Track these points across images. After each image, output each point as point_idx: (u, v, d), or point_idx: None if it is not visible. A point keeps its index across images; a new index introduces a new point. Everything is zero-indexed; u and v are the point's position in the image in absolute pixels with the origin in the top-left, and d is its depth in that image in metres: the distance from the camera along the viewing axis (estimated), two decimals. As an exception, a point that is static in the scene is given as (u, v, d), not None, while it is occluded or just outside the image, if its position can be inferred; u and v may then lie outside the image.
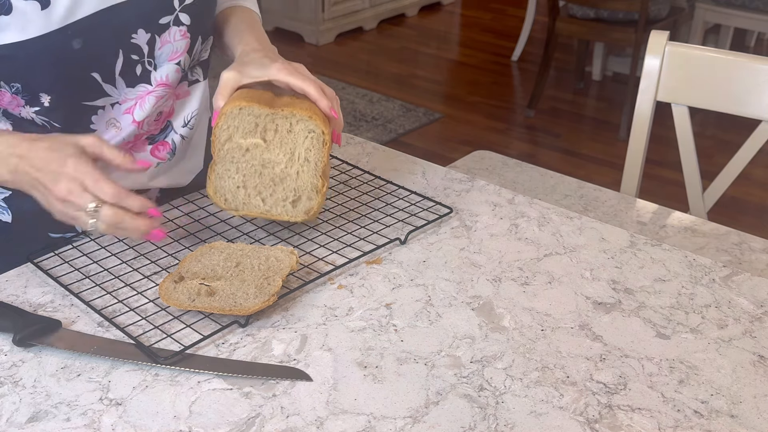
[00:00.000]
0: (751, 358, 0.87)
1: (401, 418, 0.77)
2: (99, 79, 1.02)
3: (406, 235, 1.06)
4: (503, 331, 0.90)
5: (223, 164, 1.01)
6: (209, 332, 0.87)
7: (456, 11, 5.40)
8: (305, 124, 0.99)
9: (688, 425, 0.78)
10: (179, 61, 1.08)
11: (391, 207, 1.14)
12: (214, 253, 0.97)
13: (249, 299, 0.89)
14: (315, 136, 0.99)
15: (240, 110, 0.98)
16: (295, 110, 0.99)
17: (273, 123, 0.99)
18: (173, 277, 0.92)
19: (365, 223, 1.09)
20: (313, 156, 1.00)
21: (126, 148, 1.11)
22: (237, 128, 0.99)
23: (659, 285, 0.99)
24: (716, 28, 4.05)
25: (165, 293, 0.90)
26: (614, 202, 1.35)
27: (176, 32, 1.06)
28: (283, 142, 1.00)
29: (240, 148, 1.00)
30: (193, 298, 0.89)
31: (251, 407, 0.79)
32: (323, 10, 4.65)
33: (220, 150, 1.00)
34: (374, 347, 0.87)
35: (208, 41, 1.15)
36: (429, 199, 1.15)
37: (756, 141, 1.42)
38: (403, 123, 3.75)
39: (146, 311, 0.91)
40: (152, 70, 1.06)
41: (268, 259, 0.96)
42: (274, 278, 0.92)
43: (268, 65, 1.03)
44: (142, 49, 1.04)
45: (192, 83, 1.16)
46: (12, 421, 0.77)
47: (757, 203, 3.11)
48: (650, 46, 1.46)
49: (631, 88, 3.42)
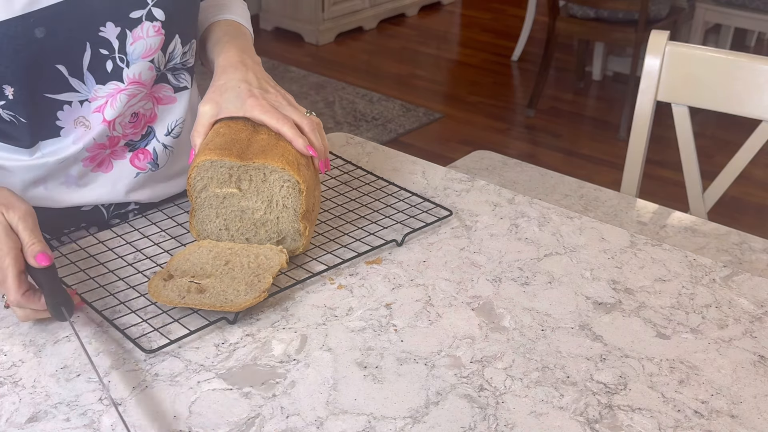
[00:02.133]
0: (751, 358, 0.87)
1: (401, 418, 0.77)
2: (65, 72, 1.00)
3: (402, 237, 1.06)
4: (503, 331, 0.90)
5: (203, 210, 0.99)
6: (195, 328, 0.88)
7: (456, 11, 5.40)
8: (279, 174, 0.96)
9: (688, 425, 0.78)
10: (152, 58, 1.06)
11: (391, 208, 1.13)
12: (202, 252, 0.97)
13: (240, 296, 0.89)
14: (291, 185, 0.97)
15: (212, 163, 0.96)
16: (267, 161, 0.95)
17: (246, 173, 0.97)
18: (162, 275, 0.92)
19: (363, 224, 1.09)
20: (291, 203, 0.98)
21: (104, 154, 1.09)
22: (211, 179, 0.97)
23: (659, 285, 0.99)
24: (716, 28, 4.05)
25: (154, 290, 0.90)
26: (614, 202, 1.35)
27: (149, 28, 1.03)
28: (259, 190, 0.98)
29: (217, 196, 0.98)
30: (183, 296, 0.89)
31: (251, 407, 0.79)
32: (323, 9, 4.64)
33: (197, 198, 0.99)
34: (374, 347, 0.87)
35: (191, 44, 1.12)
36: (429, 200, 1.15)
37: (756, 141, 1.42)
38: (403, 123, 3.75)
39: (134, 306, 0.92)
40: (124, 66, 1.04)
41: (258, 257, 0.96)
42: (264, 276, 0.92)
43: (244, 99, 1.00)
44: (112, 43, 1.01)
45: (179, 90, 1.13)
46: (12, 421, 0.77)
47: (757, 203, 3.11)
48: (650, 46, 1.46)
49: (631, 88, 3.42)
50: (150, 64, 1.06)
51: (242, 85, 1.02)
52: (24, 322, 0.90)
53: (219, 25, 1.16)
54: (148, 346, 0.85)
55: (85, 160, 1.07)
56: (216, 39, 1.13)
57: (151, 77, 1.07)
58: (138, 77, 1.05)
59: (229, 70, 1.04)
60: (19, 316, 0.88)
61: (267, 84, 1.04)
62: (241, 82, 1.02)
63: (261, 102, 1.00)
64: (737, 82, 1.41)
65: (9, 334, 0.88)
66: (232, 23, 1.17)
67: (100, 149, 1.08)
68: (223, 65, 1.06)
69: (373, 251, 1.03)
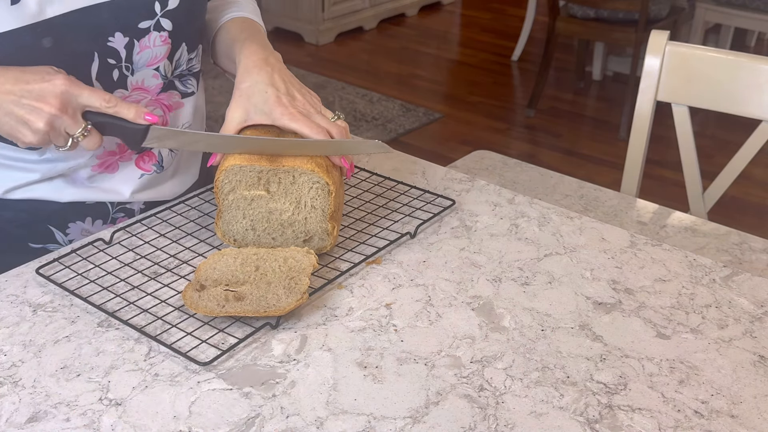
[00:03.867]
0: (751, 358, 0.87)
1: (401, 419, 0.77)
2: None
3: (415, 228, 1.07)
4: (503, 331, 0.90)
5: (229, 212, 1.00)
6: (244, 334, 0.87)
7: (456, 11, 5.40)
8: (308, 177, 0.97)
9: (688, 425, 0.78)
10: (158, 66, 1.06)
11: (395, 203, 1.14)
12: (227, 259, 0.96)
13: (281, 300, 0.89)
14: (320, 187, 0.97)
15: (240, 168, 0.97)
16: (297, 164, 0.96)
17: (276, 176, 0.98)
18: (194, 285, 0.91)
19: (373, 220, 1.10)
20: (320, 204, 0.98)
21: (113, 160, 1.09)
22: (239, 182, 0.98)
23: (659, 285, 0.99)
24: (716, 27, 4.05)
25: (191, 302, 0.88)
26: (614, 202, 1.35)
27: (156, 38, 1.03)
28: (287, 192, 0.98)
29: (245, 198, 0.99)
30: (222, 305, 0.88)
31: (251, 407, 0.79)
32: (323, 9, 4.64)
33: (224, 200, 0.99)
34: (374, 347, 0.87)
35: (197, 51, 1.12)
36: (431, 192, 1.16)
37: (756, 141, 1.42)
38: (403, 123, 3.75)
39: (173, 319, 0.90)
40: (129, 75, 1.04)
41: (287, 260, 0.95)
42: (299, 278, 0.92)
43: (272, 107, 0.99)
44: (120, 53, 1.01)
45: (186, 95, 1.13)
46: (11, 422, 0.77)
47: (757, 203, 3.11)
48: (650, 46, 1.46)
49: (631, 88, 3.42)
50: (155, 72, 1.05)
51: (269, 90, 1.00)
52: (95, 148, 0.95)
53: (233, 23, 1.15)
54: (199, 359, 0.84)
55: (95, 166, 1.08)
56: (233, 38, 1.11)
57: (156, 85, 1.07)
58: (141, 84, 1.05)
59: (253, 72, 1.02)
60: (94, 143, 0.94)
61: (293, 88, 1.02)
62: (268, 87, 1.00)
63: (290, 111, 0.99)
64: (737, 82, 1.41)
65: (9, 334, 0.88)
66: (245, 20, 1.16)
67: (110, 156, 1.08)
68: (247, 65, 1.03)
69: (390, 246, 1.04)
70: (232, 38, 1.11)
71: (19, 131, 0.91)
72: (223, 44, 1.14)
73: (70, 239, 1.11)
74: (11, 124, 0.91)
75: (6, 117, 0.91)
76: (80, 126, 0.93)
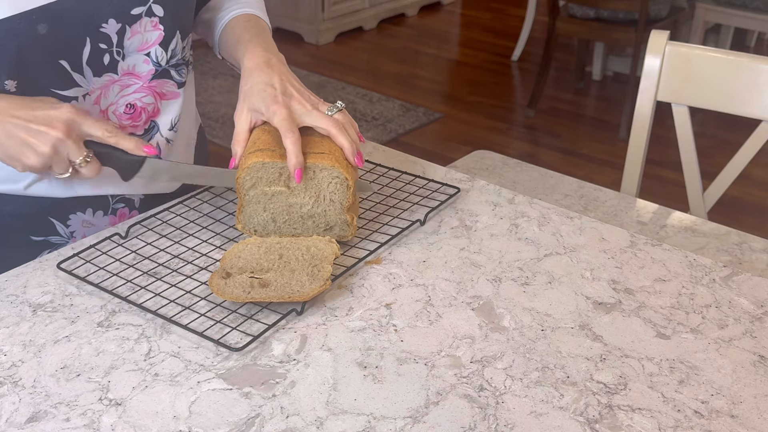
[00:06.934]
0: (751, 358, 0.87)
1: (401, 418, 0.77)
2: (68, 68, 1.01)
3: (425, 215, 1.09)
4: (503, 331, 0.90)
5: (250, 206, 1.02)
6: (271, 321, 0.89)
7: (456, 11, 5.40)
8: (328, 172, 1.00)
9: (688, 425, 0.78)
10: (149, 52, 1.07)
11: (401, 192, 1.16)
12: (251, 249, 0.98)
13: (304, 286, 0.91)
14: (339, 181, 1.00)
15: (263, 164, 0.99)
16: (317, 160, 0.99)
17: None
18: (219, 273, 0.93)
19: (382, 209, 1.12)
20: (338, 197, 1.01)
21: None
22: (260, 178, 1.00)
23: (659, 285, 0.99)
24: (716, 27, 4.05)
25: (218, 289, 0.91)
26: (614, 202, 1.35)
27: (147, 23, 1.04)
28: (307, 186, 1.01)
29: (265, 194, 1.01)
30: (248, 291, 0.91)
31: (251, 407, 0.79)
32: (323, 9, 4.65)
33: (246, 195, 1.01)
34: (374, 347, 0.87)
35: (188, 39, 1.13)
36: (435, 181, 1.18)
37: (756, 141, 1.42)
38: (403, 123, 3.75)
39: (201, 308, 0.92)
40: (120, 59, 1.05)
41: (309, 249, 0.98)
42: (322, 265, 0.94)
43: (268, 104, 1.00)
44: (111, 38, 1.03)
45: (182, 85, 1.14)
46: (11, 422, 0.77)
47: (757, 203, 3.11)
48: (650, 45, 1.46)
49: (631, 88, 3.43)
50: (145, 57, 1.07)
51: (268, 89, 1.02)
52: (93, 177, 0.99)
53: (238, 21, 1.16)
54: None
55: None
56: (237, 37, 1.13)
57: (148, 71, 1.08)
58: (132, 69, 1.06)
59: (254, 73, 1.05)
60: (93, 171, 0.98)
61: (292, 87, 1.04)
62: (266, 86, 1.02)
63: (282, 110, 1.00)
64: (737, 82, 1.41)
65: (9, 334, 0.88)
66: (250, 17, 1.17)
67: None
68: (249, 67, 1.06)
69: (401, 233, 1.07)
70: (237, 38, 1.13)
71: (23, 153, 0.94)
72: (228, 43, 1.15)
73: (71, 231, 1.12)
74: (15, 147, 0.94)
75: (10, 140, 0.94)
76: (82, 153, 0.96)
